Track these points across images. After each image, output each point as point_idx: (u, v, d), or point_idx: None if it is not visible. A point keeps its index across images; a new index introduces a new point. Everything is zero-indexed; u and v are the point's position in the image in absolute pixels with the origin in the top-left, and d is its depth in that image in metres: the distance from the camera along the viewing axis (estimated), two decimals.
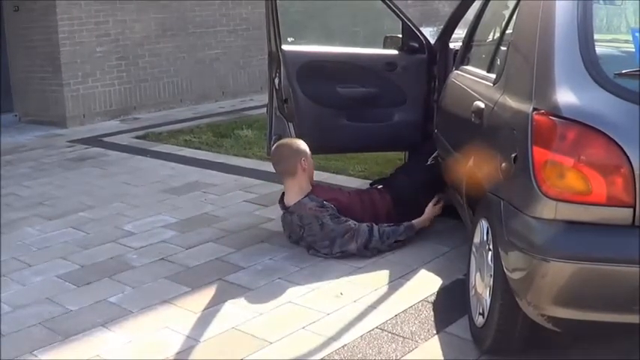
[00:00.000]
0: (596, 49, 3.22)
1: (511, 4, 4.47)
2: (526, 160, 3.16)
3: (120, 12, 11.16)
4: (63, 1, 10.47)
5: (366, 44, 8.23)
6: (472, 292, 4.01)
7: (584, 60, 3.17)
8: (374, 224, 5.15)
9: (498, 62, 4.26)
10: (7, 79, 11.30)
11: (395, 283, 4.66)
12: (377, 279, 4.72)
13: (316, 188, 5.40)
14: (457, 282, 4.61)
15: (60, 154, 8.94)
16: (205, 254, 5.25)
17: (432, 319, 4.18)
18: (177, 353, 3.90)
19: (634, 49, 3.25)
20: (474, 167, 4.04)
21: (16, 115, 11.32)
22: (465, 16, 6.11)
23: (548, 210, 3.06)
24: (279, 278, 4.79)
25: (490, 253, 3.68)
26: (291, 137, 5.91)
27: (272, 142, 6.08)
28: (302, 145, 5.40)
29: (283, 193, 5.39)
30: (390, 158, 7.06)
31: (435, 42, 6.33)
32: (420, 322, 4.14)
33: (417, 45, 6.32)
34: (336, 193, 5.55)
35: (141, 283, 4.79)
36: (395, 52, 6.45)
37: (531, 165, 3.12)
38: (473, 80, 4.68)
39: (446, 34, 6.30)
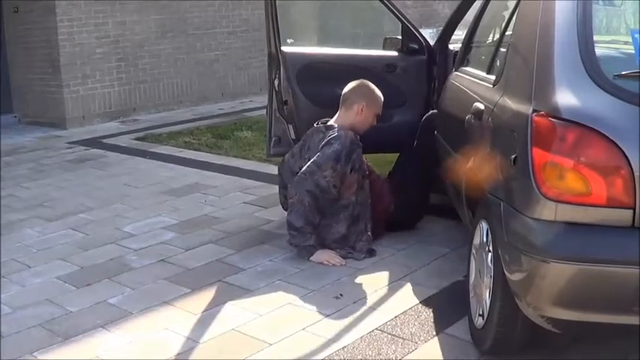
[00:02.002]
0: (596, 50, 3.22)
1: (511, 6, 4.47)
2: (526, 162, 3.16)
3: (120, 13, 11.17)
4: (63, 2, 10.48)
5: (365, 46, 8.25)
6: (472, 294, 4.01)
7: (583, 61, 3.17)
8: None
9: (498, 63, 4.26)
10: (7, 80, 11.31)
11: (395, 285, 4.66)
12: (377, 280, 4.72)
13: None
14: (457, 283, 4.62)
15: (60, 156, 8.94)
16: (205, 256, 5.26)
17: (432, 320, 4.18)
18: (177, 355, 3.90)
19: (633, 51, 3.25)
20: (474, 168, 4.04)
21: (15, 117, 11.33)
22: (465, 17, 6.11)
23: (547, 211, 3.06)
24: (279, 280, 4.79)
25: (490, 254, 3.68)
26: (292, 139, 5.92)
27: (271, 144, 6.09)
28: (376, 95, 5.43)
29: None
30: (390, 160, 7.04)
31: (435, 43, 6.33)
32: (419, 323, 4.14)
33: (416, 46, 6.33)
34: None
35: (141, 285, 4.80)
36: (394, 53, 6.45)
37: (531, 166, 3.12)
38: (472, 81, 4.68)
39: (445, 35, 6.30)
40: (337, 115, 5.42)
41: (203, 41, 12.37)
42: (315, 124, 5.43)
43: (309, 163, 5.10)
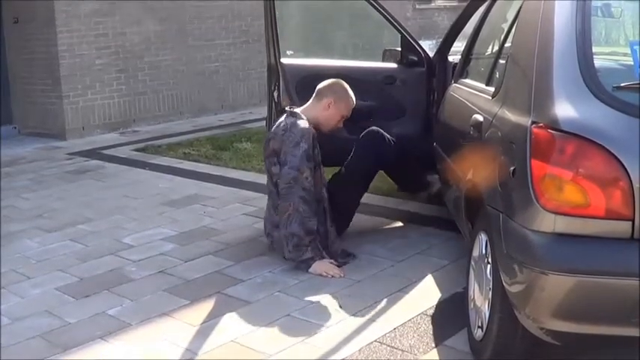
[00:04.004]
0: (595, 62, 3.23)
1: (510, 17, 4.49)
2: (525, 173, 3.16)
3: (119, 24, 11.19)
4: (62, 13, 10.50)
5: (365, 57, 8.26)
6: (471, 306, 4.01)
7: (582, 73, 3.18)
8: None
9: (497, 75, 4.27)
10: (7, 91, 11.31)
11: (394, 297, 4.65)
12: (376, 292, 4.72)
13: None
14: (456, 295, 4.61)
15: (59, 167, 8.94)
16: (204, 267, 5.25)
17: (431, 332, 4.18)
18: None
19: (632, 62, 3.25)
20: (473, 180, 4.05)
21: (15, 128, 11.33)
22: (464, 29, 6.12)
23: (546, 223, 3.06)
24: (278, 291, 4.79)
25: (489, 266, 3.68)
26: None
27: None
28: (347, 96, 5.46)
29: None
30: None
31: (434, 55, 6.34)
32: (418, 335, 4.13)
33: (415, 58, 6.33)
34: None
35: (140, 296, 4.79)
36: (394, 65, 6.46)
37: (530, 178, 3.12)
38: (471, 93, 4.69)
39: (445, 47, 6.31)
40: (307, 104, 5.47)
41: (203, 52, 12.39)
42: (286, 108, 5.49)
43: (287, 170, 5.08)
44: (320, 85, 5.47)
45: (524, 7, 3.96)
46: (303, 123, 5.20)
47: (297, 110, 5.36)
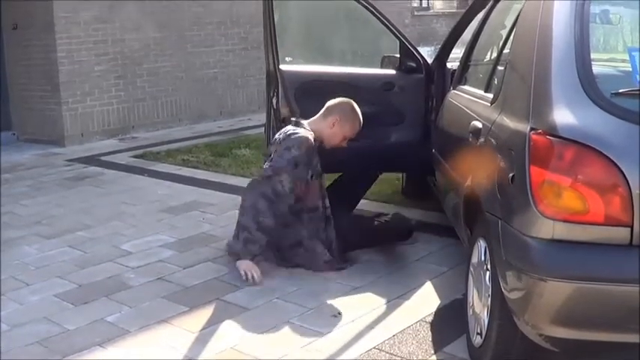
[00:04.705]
0: (593, 68, 3.23)
1: (508, 24, 4.49)
2: (523, 180, 3.17)
3: (119, 31, 11.20)
4: (62, 19, 10.51)
5: (363, 64, 8.25)
6: (470, 312, 4.01)
7: (581, 79, 3.18)
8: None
9: (496, 82, 4.27)
10: (6, 97, 11.32)
11: (393, 303, 4.65)
12: (375, 299, 4.72)
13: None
14: (455, 302, 4.61)
15: (58, 173, 8.94)
16: (203, 274, 5.25)
17: (430, 339, 4.17)
18: None
19: (631, 69, 3.26)
20: (472, 187, 4.05)
21: (14, 134, 11.33)
22: (463, 35, 6.13)
23: (545, 229, 3.06)
24: (277, 298, 4.79)
25: (488, 272, 3.68)
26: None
27: None
28: (354, 118, 5.44)
29: None
30: (388, 178, 7.06)
31: (433, 62, 6.33)
32: (417, 342, 4.13)
33: (414, 65, 6.33)
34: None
35: (138, 303, 4.79)
36: (392, 71, 6.46)
37: (529, 184, 3.13)
38: (470, 100, 4.70)
39: (443, 53, 6.31)
40: (315, 117, 5.49)
41: (202, 59, 12.40)
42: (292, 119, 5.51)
43: (267, 167, 5.15)
44: (330, 102, 5.49)
45: (522, 13, 3.97)
46: (304, 132, 5.21)
47: (304, 121, 5.38)
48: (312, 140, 5.21)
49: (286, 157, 5.09)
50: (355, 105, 5.50)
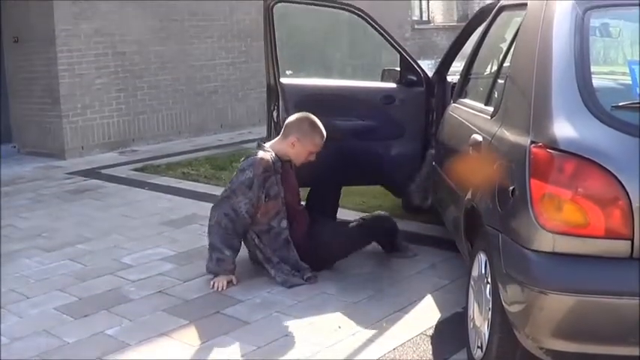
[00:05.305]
0: (593, 81, 3.24)
1: (508, 37, 4.50)
2: (524, 193, 3.17)
3: (119, 44, 11.23)
4: (63, 32, 10.53)
5: (364, 77, 8.27)
6: (470, 326, 4.00)
7: (581, 92, 3.19)
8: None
9: (496, 95, 4.28)
10: (7, 110, 11.35)
11: (393, 317, 4.64)
12: (375, 312, 4.71)
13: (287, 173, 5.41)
14: (455, 315, 4.60)
15: (58, 186, 8.94)
16: (203, 287, 5.24)
17: (431, 352, 4.16)
18: None
19: (631, 82, 3.26)
20: (472, 200, 4.05)
21: (14, 147, 11.35)
22: (463, 49, 6.14)
23: (546, 242, 3.06)
24: (276, 311, 4.78)
25: (488, 286, 3.67)
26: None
27: None
28: (313, 133, 5.37)
29: None
30: (388, 192, 7.05)
31: (433, 75, 6.34)
32: (418, 355, 4.12)
33: (414, 78, 6.34)
34: (293, 193, 5.52)
35: (138, 316, 4.78)
36: (393, 85, 6.47)
37: (529, 198, 3.13)
38: (470, 113, 4.70)
39: (443, 67, 6.32)
40: (276, 138, 5.50)
41: (202, 72, 12.43)
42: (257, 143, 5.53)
43: (226, 187, 5.31)
44: (288, 120, 5.46)
45: (522, 26, 3.98)
46: (262, 154, 5.23)
47: (266, 144, 5.42)
48: (270, 161, 5.20)
49: (240, 179, 5.17)
50: (313, 118, 5.42)
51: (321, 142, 5.40)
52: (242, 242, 5.32)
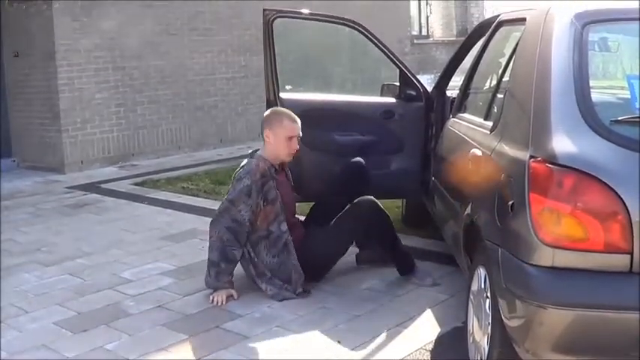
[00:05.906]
0: (592, 96, 3.25)
1: (507, 52, 4.51)
2: (523, 207, 3.17)
3: (119, 59, 11.25)
4: (62, 47, 10.56)
5: (363, 92, 8.27)
6: (470, 340, 4.00)
7: (580, 107, 3.20)
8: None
9: (495, 110, 4.28)
10: (6, 125, 11.37)
11: (393, 331, 4.64)
12: (375, 327, 4.70)
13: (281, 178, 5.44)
14: (455, 330, 4.59)
15: (58, 200, 8.94)
16: (203, 302, 5.23)
17: None
18: None
19: (630, 96, 3.27)
20: (471, 214, 4.05)
21: (14, 161, 11.35)
22: (462, 64, 6.14)
23: (545, 257, 3.06)
24: (276, 326, 4.77)
25: (488, 300, 3.67)
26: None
27: None
28: (279, 119, 5.40)
29: None
30: (388, 206, 7.04)
31: (432, 90, 6.35)
32: None
33: (414, 93, 6.33)
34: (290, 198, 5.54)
35: (138, 331, 4.77)
36: (392, 100, 6.47)
37: (528, 212, 3.13)
38: (470, 128, 4.70)
39: (443, 82, 6.33)
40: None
41: (202, 87, 12.46)
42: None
43: (224, 200, 5.30)
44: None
45: (521, 41, 3.99)
46: (255, 162, 5.28)
47: (257, 151, 5.46)
48: (265, 166, 5.25)
49: (238, 188, 5.19)
50: (276, 107, 5.64)
51: (290, 123, 5.38)
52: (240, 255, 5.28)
